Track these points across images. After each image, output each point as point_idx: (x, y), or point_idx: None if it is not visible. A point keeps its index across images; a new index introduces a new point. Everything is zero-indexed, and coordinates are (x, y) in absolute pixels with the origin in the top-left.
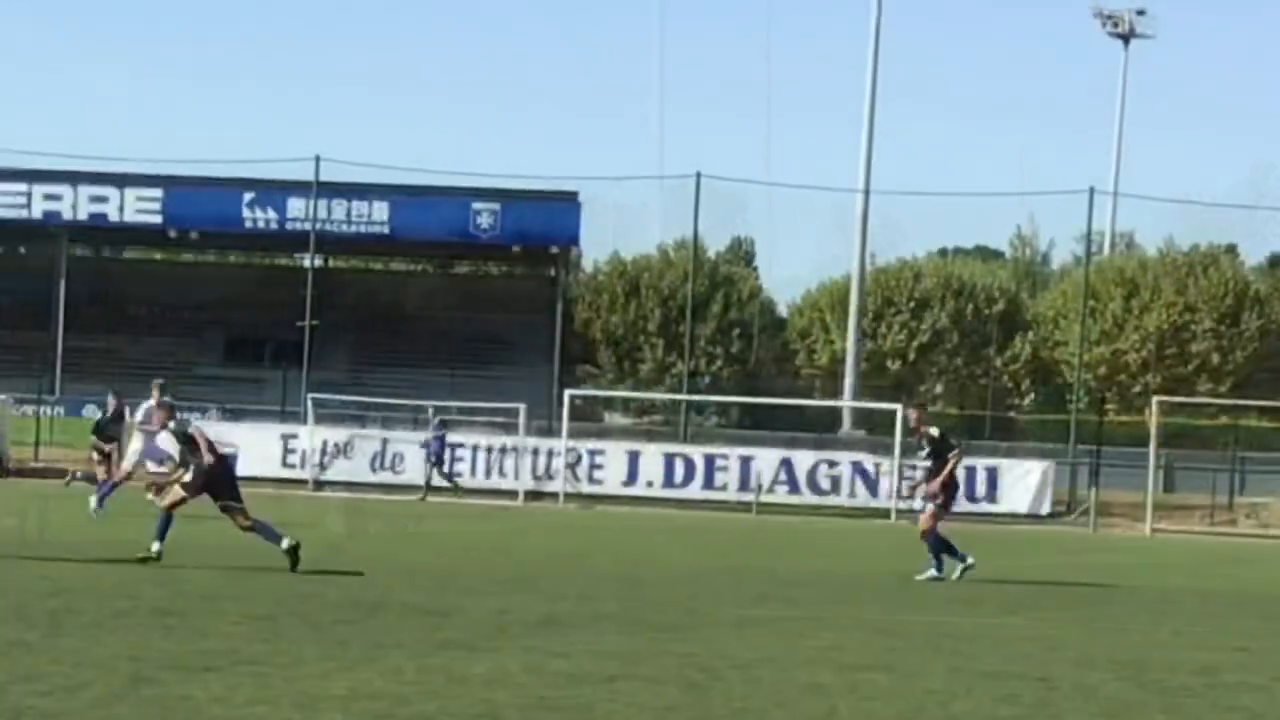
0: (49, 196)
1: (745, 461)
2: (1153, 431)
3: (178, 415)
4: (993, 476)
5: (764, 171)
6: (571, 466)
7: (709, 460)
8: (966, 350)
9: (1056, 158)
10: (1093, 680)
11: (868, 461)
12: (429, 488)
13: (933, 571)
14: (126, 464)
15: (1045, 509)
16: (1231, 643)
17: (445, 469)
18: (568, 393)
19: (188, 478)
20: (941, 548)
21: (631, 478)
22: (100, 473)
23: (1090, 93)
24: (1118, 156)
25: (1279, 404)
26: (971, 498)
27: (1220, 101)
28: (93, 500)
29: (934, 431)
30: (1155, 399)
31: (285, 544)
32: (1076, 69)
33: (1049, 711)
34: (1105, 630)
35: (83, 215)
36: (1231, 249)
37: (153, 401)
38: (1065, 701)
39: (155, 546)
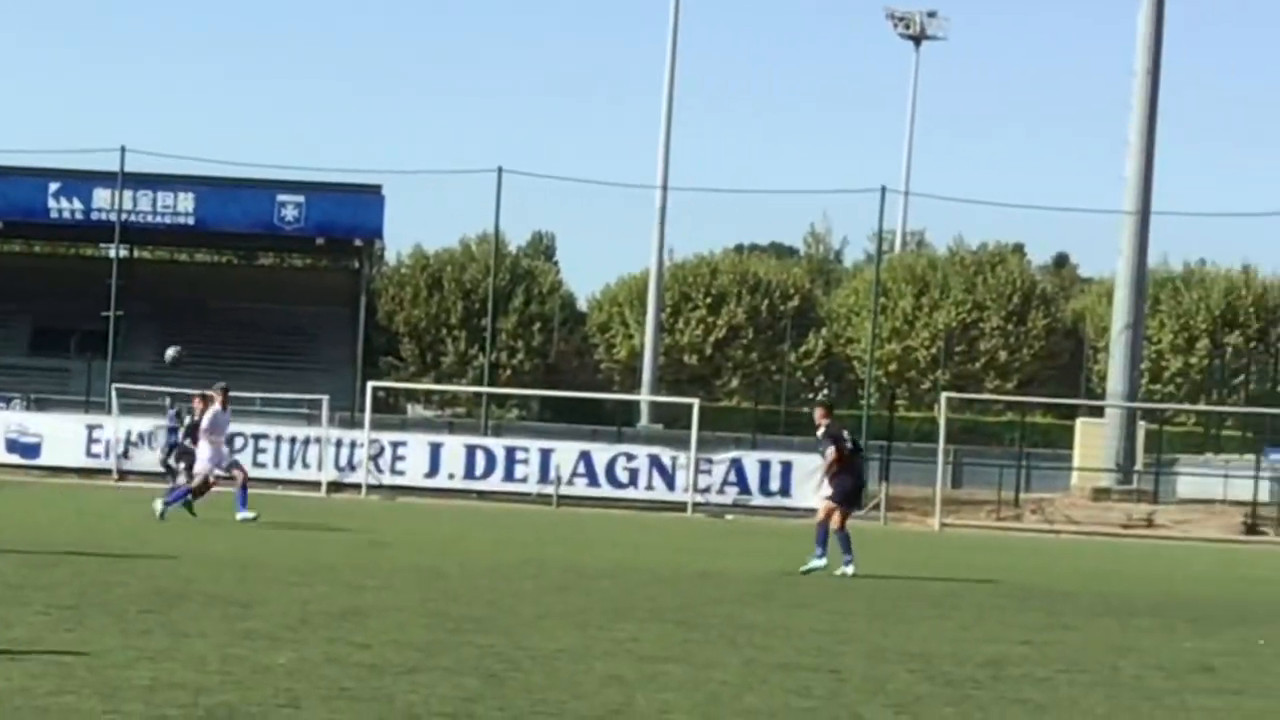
0: None
1: (545, 454)
2: (941, 427)
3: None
4: (786, 471)
5: (566, 167)
6: (374, 458)
7: (509, 452)
8: (761, 346)
9: (850, 157)
10: (883, 672)
11: (664, 455)
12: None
13: (848, 569)
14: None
15: None
16: (1017, 636)
17: (174, 457)
18: (370, 384)
19: None
20: (822, 539)
21: (433, 469)
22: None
23: (883, 93)
24: (909, 156)
25: (1064, 401)
26: (766, 492)
27: (1009, 102)
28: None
29: (833, 430)
30: (944, 395)
31: None
32: (871, 69)
33: (840, 703)
34: (895, 623)
35: None
36: (1019, 248)
37: (218, 406)
38: (856, 694)
39: None
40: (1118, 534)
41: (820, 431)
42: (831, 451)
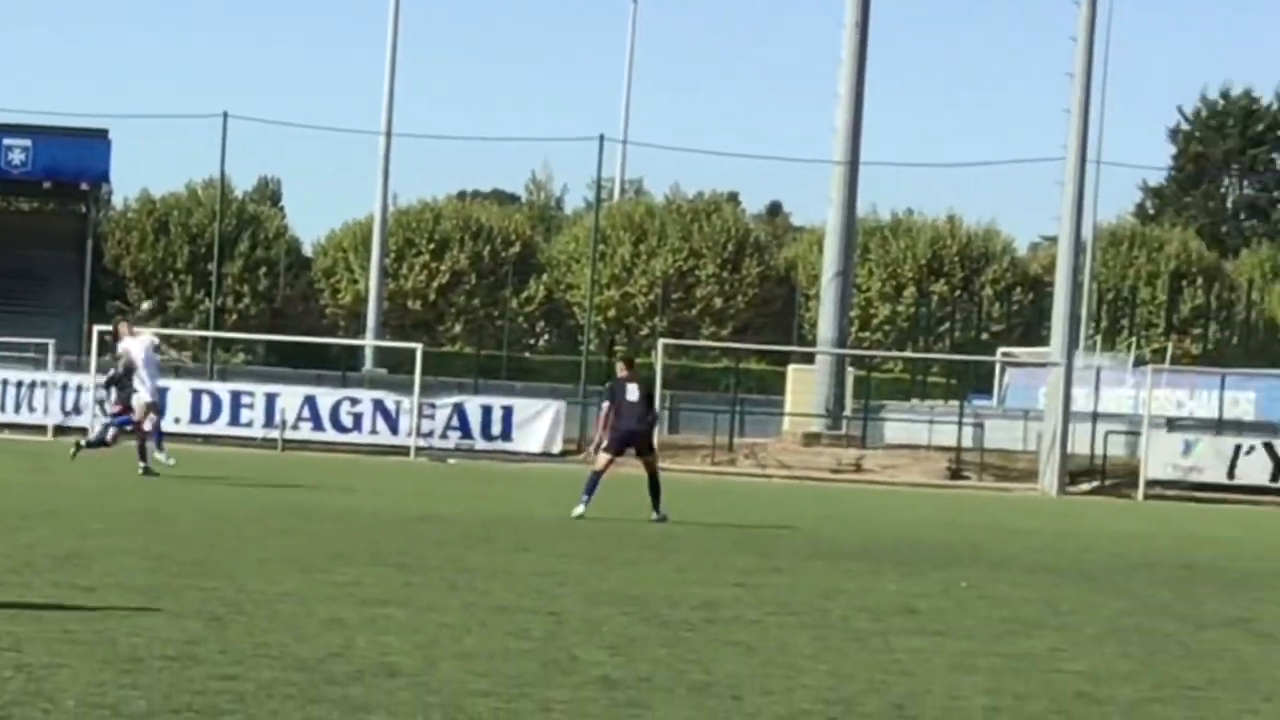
0: None
1: (270, 398)
2: (658, 373)
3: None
4: (508, 416)
5: (292, 113)
6: (100, 402)
7: (235, 397)
8: (484, 292)
9: (571, 105)
10: (599, 615)
11: (388, 399)
12: None
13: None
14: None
15: (557, 448)
16: (729, 579)
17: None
18: (96, 328)
19: None
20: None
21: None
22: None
23: (603, 42)
24: (627, 105)
25: (776, 348)
26: (487, 436)
27: (724, 53)
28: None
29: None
30: (661, 341)
31: None
32: (590, 18)
33: (558, 645)
34: (613, 566)
35: None
36: (734, 197)
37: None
38: (573, 635)
39: None
40: (827, 478)
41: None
42: (605, 406)
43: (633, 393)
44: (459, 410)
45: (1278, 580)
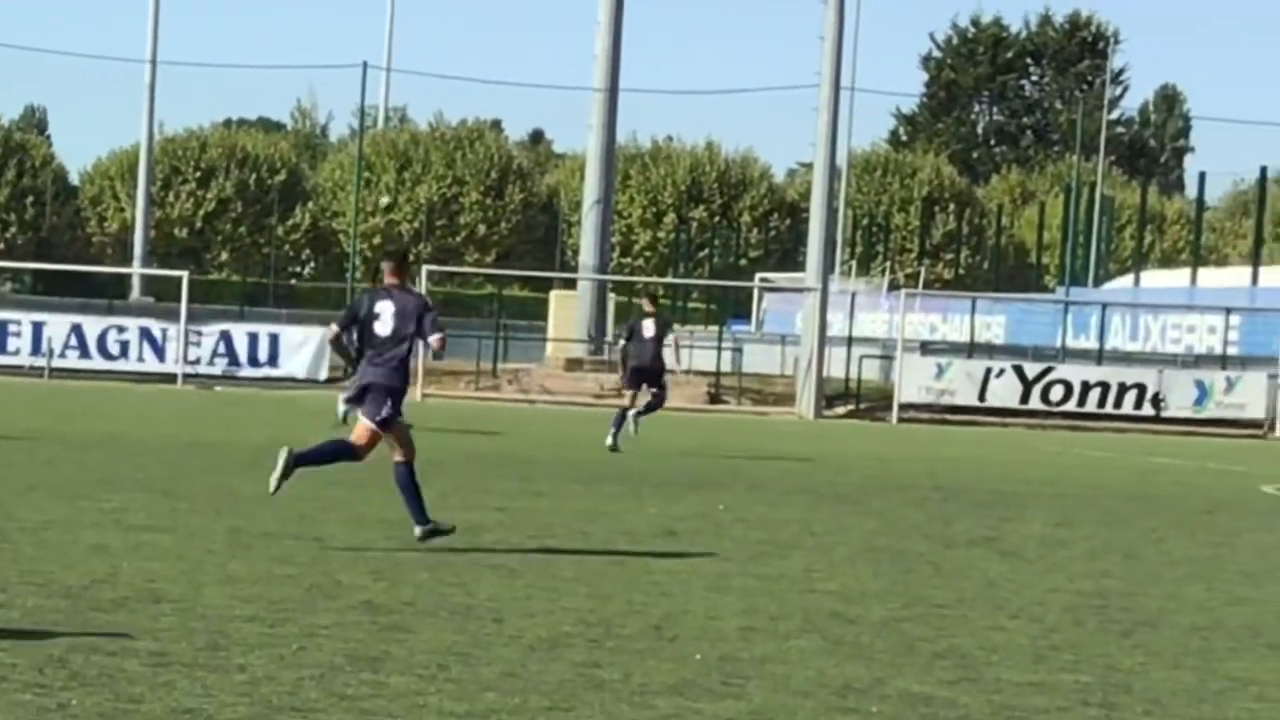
0: None
1: (37, 327)
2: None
3: None
4: (274, 342)
5: (57, 40)
6: None
7: (2, 326)
8: (250, 220)
9: (335, 33)
10: (363, 540)
11: (155, 328)
12: None
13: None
14: None
15: (323, 374)
16: (493, 503)
17: None
18: None
19: None
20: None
21: None
22: None
23: None
24: (390, 33)
25: (539, 274)
26: (254, 362)
27: None
28: None
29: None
30: (425, 268)
31: None
32: None
33: (321, 569)
34: (376, 492)
35: None
36: (496, 124)
37: None
38: (337, 560)
39: None
40: (590, 403)
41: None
42: (622, 343)
43: (649, 329)
44: (225, 337)
45: (1025, 500)
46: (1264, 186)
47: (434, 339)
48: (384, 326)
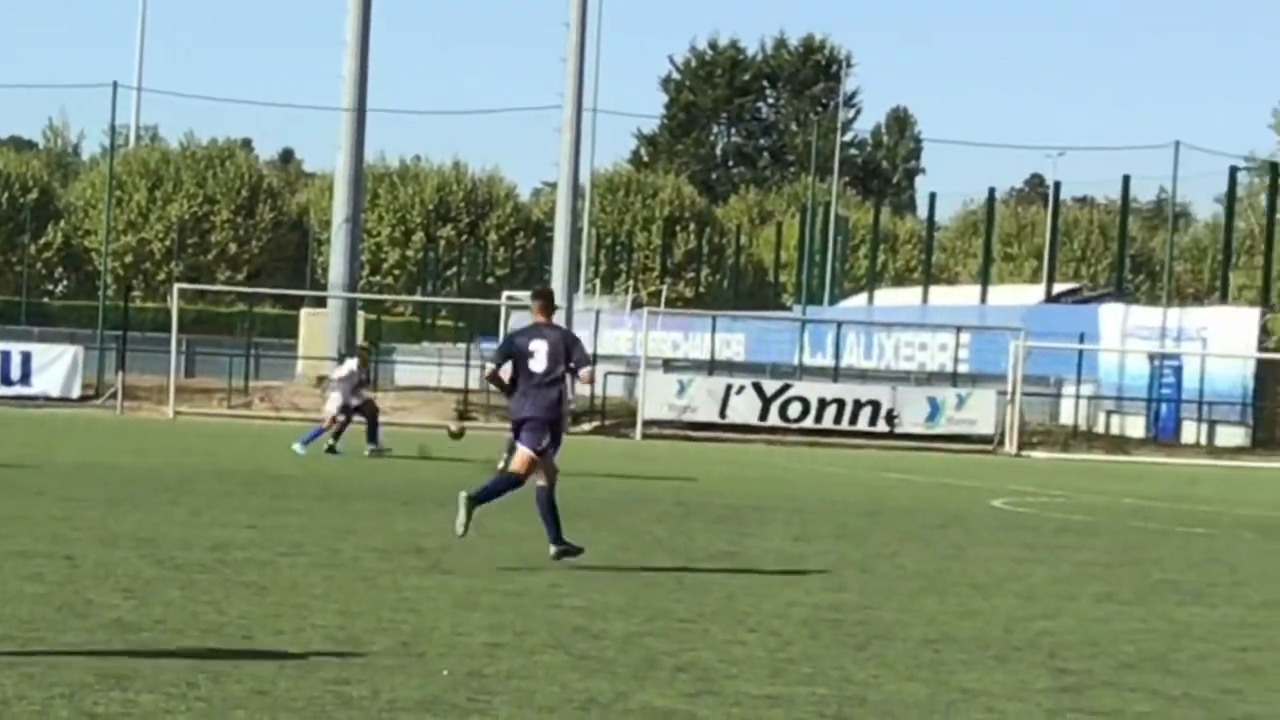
0: None
1: None
2: (174, 318)
3: None
4: (26, 361)
5: None
6: None
7: None
8: (2, 238)
9: (86, 52)
10: (114, 558)
11: None
12: None
13: None
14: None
15: (76, 392)
16: (243, 520)
17: None
18: None
19: None
20: None
21: None
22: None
23: None
24: (141, 52)
25: (289, 292)
26: (6, 381)
27: (232, 2)
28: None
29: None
30: (176, 286)
31: None
32: None
33: (72, 588)
34: (128, 510)
35: None
36: (247, 143)
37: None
38: (88, 578)
39: None
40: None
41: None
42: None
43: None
44: None
45: (764, 515)
46: (992, 207)
47: (584, 373)
48: (538, 363)
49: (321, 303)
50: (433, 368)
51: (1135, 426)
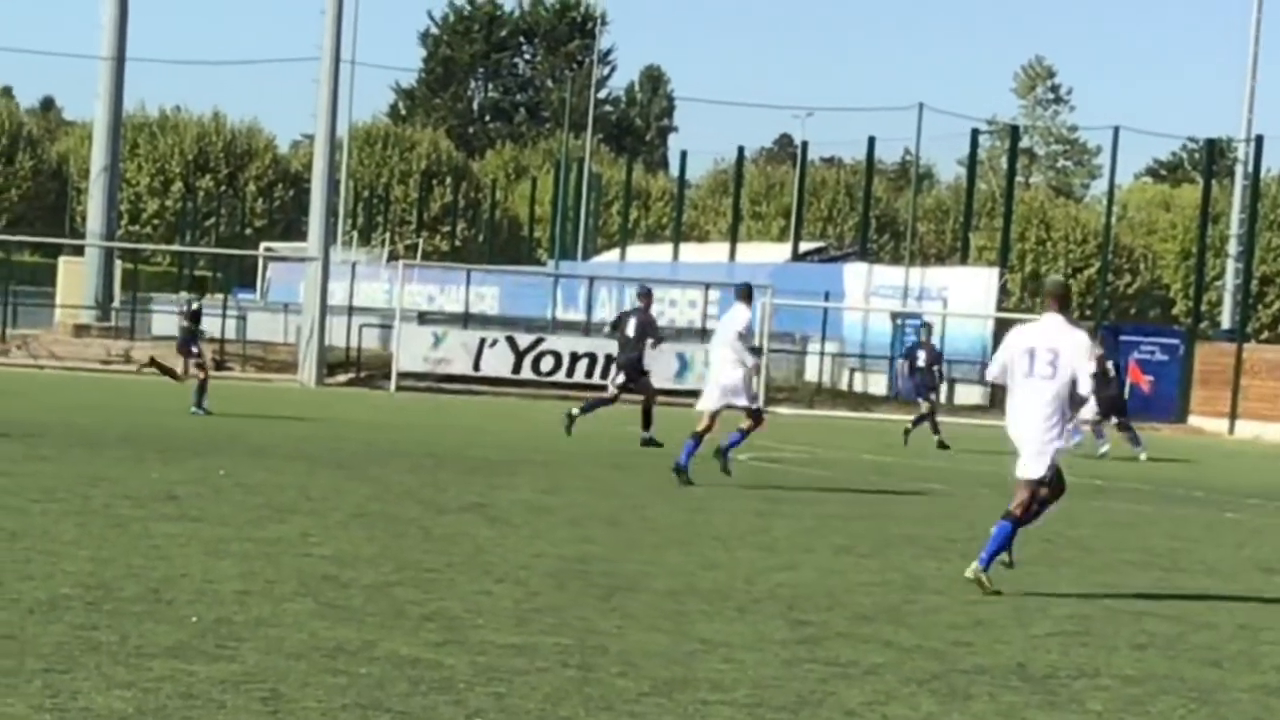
0: None
1: None
2: None
3: None
4: None
5: None
6: None
7: None
8: None
9: None
10: None
11: None
12: None
13: None
14: None
15: None
16: None
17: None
18: None
19: None
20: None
21: None
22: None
23: None
24: None
25: (48, 240)
26: None
27: None
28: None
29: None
30: None
31: None
32: None
33: None
34: None
35: None
36: (7, 91)
37: None
38: None
39: None
40: (97, 369)
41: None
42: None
43: (631, 328)
44: None
45: (514, 468)
46: (741, 166)
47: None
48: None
49: (80, 251)
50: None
51: (878, 384)
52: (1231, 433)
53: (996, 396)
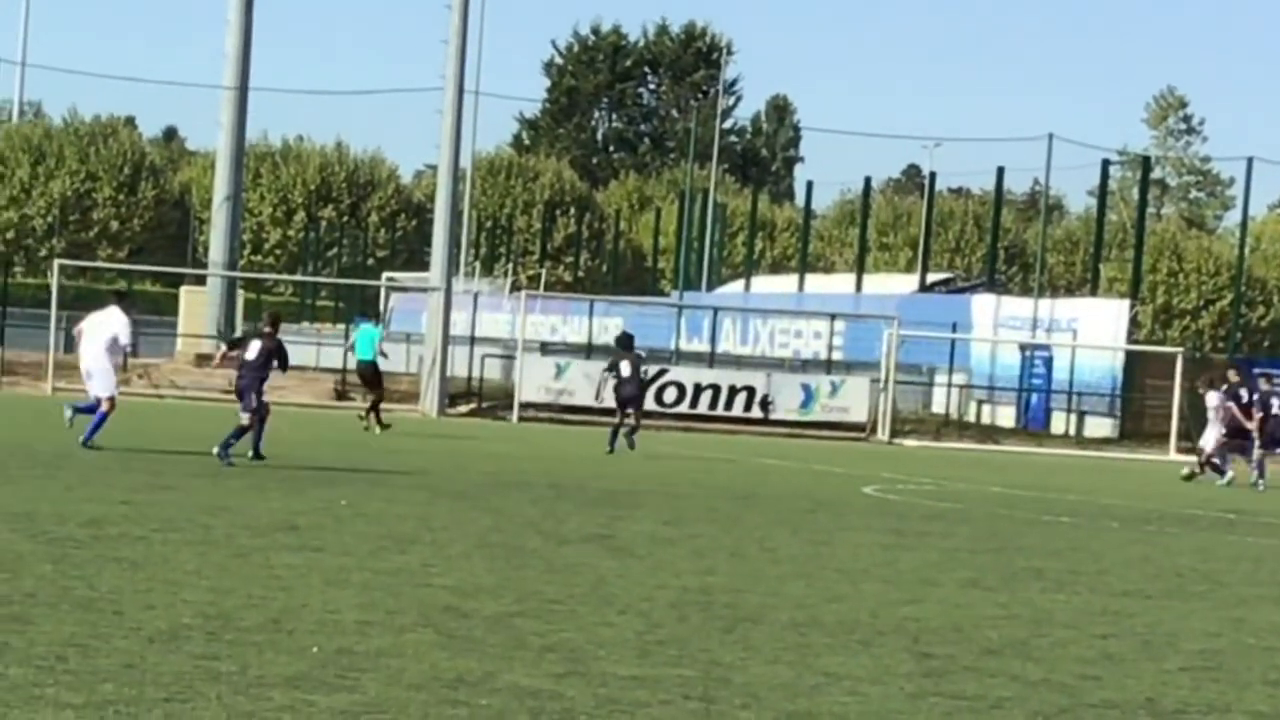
0: None
1: None
2: (54, 294)
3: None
4: None
5: None
6: None
7: None
8: None
9: None
10: None
11: None
12: None
13: None
14: None
15: None
16: (118, 497)
17: None
18: None
19: None
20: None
21: None
22: None
23: None
24: (25, 27)
25: (170, 270)
26: None
27: None
28: None
29: None
30: (57, 262)
31: None
32: None
33: None
34: (2, 484)
35: None
36: (130, 120)
37: None
38: None
39: None
40: (219, 398)
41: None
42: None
43: (625, 369)
44: None
45: (637, 499)
46: (868, 196)
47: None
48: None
49: (201, 281)
50: (312, 347)
51: (1006, 416)
52: None
53: (1126, 429)
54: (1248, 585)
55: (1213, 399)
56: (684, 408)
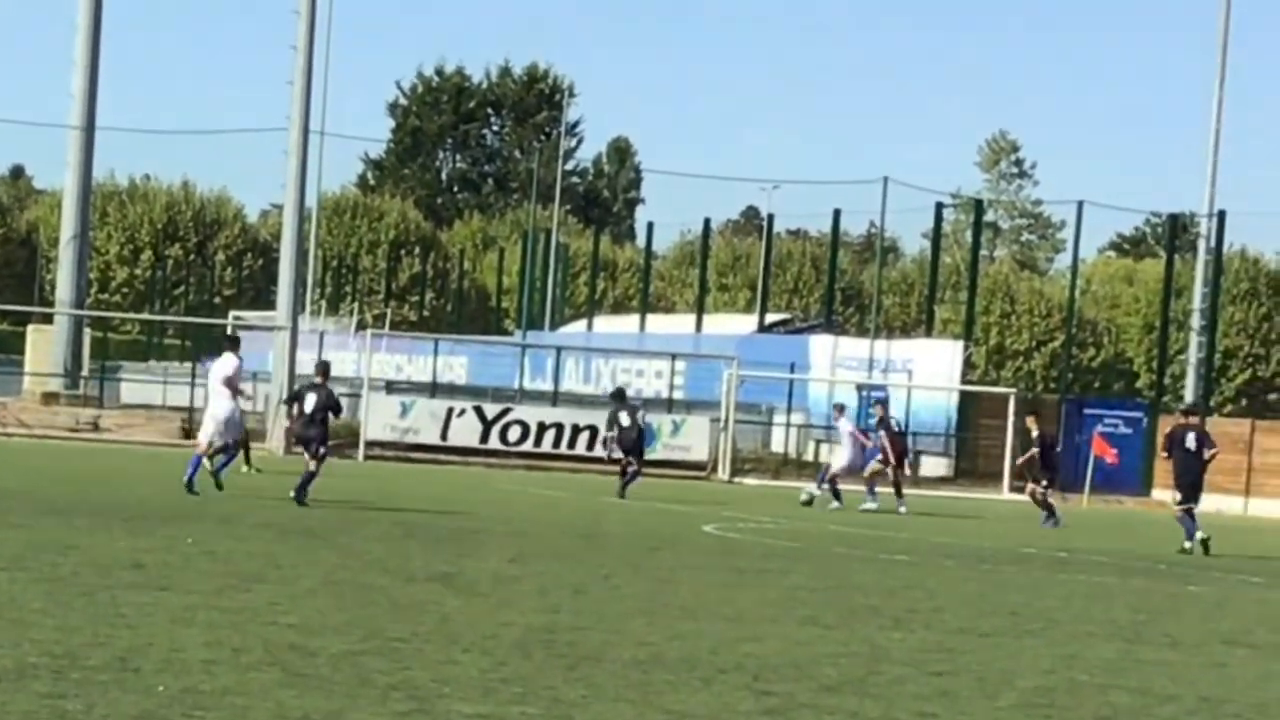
0: None
1: None
2: None
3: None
4: None
5: None
6: None
7: None
8: None
9: None
10: None
11: None
12: None
13: None
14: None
15: None
16: None
17: None
18: None
19: None
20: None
21: None
22: None
23: None
24: None
25: (17, 308)
26: None
27: None
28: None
29: None
30: None
31: None
32: None
33: None
34: None
35: None
36: None
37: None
38: None
39: None
40: (66, 436)
41: None
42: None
43: (625, 419)
44: None
45: (482, 537)
46: (707, 237)
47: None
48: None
49: (49, 319)
50: (159, 386)
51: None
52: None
53: (960, 468)
54: (1080, 623)
55: (845, 425)
56: (528, 446)
